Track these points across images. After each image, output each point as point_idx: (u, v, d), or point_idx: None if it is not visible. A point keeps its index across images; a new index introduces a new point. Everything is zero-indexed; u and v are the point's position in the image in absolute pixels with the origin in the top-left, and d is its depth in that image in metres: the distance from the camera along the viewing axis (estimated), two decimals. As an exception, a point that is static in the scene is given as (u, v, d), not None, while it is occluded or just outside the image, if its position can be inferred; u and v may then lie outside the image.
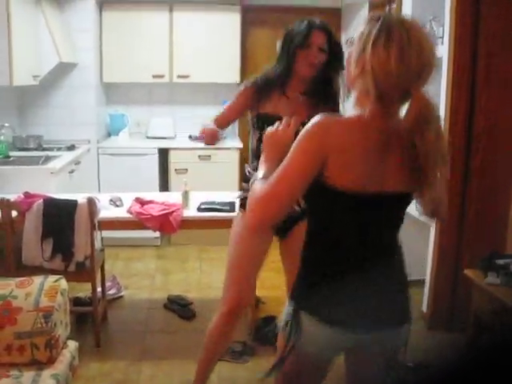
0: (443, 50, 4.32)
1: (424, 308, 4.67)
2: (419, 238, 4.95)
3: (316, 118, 1.90)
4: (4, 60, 4.85)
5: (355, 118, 1.92)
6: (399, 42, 1.82)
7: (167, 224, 4.19)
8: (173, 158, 6.60)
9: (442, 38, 4.41)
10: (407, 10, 5.04)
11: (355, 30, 1.97)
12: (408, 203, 2.09)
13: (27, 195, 4.07)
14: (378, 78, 1.84)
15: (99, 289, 4.43)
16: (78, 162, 5.92)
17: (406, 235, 4.84)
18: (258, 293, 4.56)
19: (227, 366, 4.05)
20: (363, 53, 1.87)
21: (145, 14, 6.66)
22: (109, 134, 7.07)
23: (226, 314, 3.24)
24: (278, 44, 3.34)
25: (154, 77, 6.77)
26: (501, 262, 3.58)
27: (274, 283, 5.43)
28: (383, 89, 1.85)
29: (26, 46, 5.31)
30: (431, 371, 1.64)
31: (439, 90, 4.38)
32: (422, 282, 4.71)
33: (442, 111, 4.32)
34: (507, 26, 4.14)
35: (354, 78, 1.93)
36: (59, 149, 5.97)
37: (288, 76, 3.21)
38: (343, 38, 7.17)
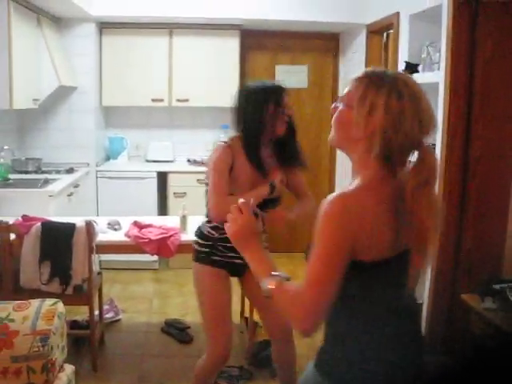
0: (439, 76, 4.35)
1: (423, 330, 4.66)
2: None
3: (330, 200, 1.76)
4: (4, 83, 4.87)
5: (366, 186, 1.81)
6: (410, 99, 1.81)
7: (165, 248, 4.20)
8: (171, 181, 6.62)
9: (439, 63, 4.45)
10: (404, 35, 5.09)
11: (348, 89, 1.87)
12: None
13: (26, 218, 4.08)
14: (388, 139, 1.77)
15: (97, 312, 4.42)
16: (76, 185, 5.94)
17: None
18: (255, 317, 4.55)
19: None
20: (370, 115, 1.77)
21: (145, 38, 6.70)
22: (108, 158, 7.09)
23: (210, 364, 3.39)
24: (237, 103, 3.34)
25: (154, 100, 6.80)
26: (497, 287, 3.58)
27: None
28: (393, 149, 1.78)
29: (26, 69, 5.34)
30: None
31: (436, 115, 4.41)
32: (419, 306, 4.71)
33: (439, 137, 4.35)
34: (503, 52, 4.17)
35: (356, 141, 1.84)
36: (58, 172, 5.98)
37: (261, 135, 3.22)
38: (341, 63, 7.23)
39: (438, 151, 4.37)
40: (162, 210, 6.70)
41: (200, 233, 3.39)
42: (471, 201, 4.31)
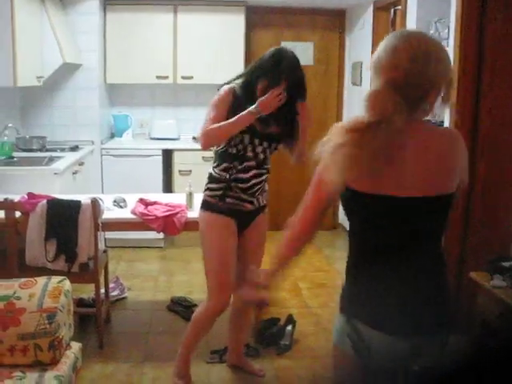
0: (448, 53, 4.31)
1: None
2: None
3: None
4: (8, 61, 4.84)
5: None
6: (414, 47, 1.90)
7: (171, 225, 4.18)
8: (177, 159, 6.60)
9: (448, 39, 4.40)
10: (412, 11, 5.03)
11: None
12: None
13: (31, 196, 4.06)
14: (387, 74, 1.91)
15: (102, 290, 4.42)
16: (81, 163, 5.91)
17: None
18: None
19: (231, 367, 4.04)
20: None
21: (149, 15, 6.65)
22: (112, 135, 7.07)
23: (210, 313, 3.58)
24: (265, 58, 3.43)
25: (158, 78, 6.76)
26: (506, 264, 3.57)
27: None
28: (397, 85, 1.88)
29: (29, 46, 5.30)
30: (437, 374, 1.63)
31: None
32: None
33: (447, 113, 4.31)
34: (513, 28, 4.13)
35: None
36: (63, 150, 5.96)
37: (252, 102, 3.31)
38: (347, 40, 7.17)
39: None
40: (168, 187, 6.68)
41: (211, 178, 3.49)
42: (479, 179, 4.28)
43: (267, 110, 3.24)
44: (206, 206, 3.51)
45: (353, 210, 2.07)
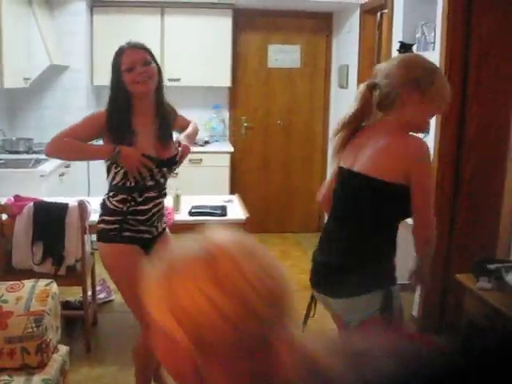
0: (435, 56, 4.33)
1: (415, 312, 4.68)
2: (408, 241, 4.97)
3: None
4: (-6, 61, 4.83)
5: None
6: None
7: (158, 228, 4.17)
8: (163, 161, 6.59)
9: (434, 43, 4.43)
10: (399, 15, 5.06)
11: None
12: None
13: (18, 198, 4.05)
14: None
15: (89, 292, 4.41)
16: (68, 165, 5.89)
17: (398, 239, 4.78)
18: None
19: None
20: None
21: (136, 18, 6.63)
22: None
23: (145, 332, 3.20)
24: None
25: (145, 80, 6.75)
26: (492, 266, 3.58)
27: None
28: None
29: (16, 48, 5.28)
30: (420, 373, 1.64)
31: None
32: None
33: (433, 118, 4.34)
34: (499, 32, 4.15)
35: None
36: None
37: (128, 103, 3.16)
38: (334, 43, 7.19)
39: (433, 132, 4.36)
40: (154, 190, 6.67)
41: (106, 209, 3.19)
42: (465, 181, 4.32)
43: (128, 165, 3.06)
44: (104, 237, 3.17)
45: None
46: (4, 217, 3.97)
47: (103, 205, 3.21)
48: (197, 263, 1.06)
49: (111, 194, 3.17)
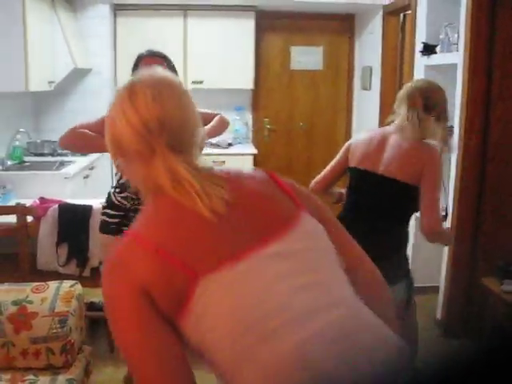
0: (458, 57, 4.31)
1: (438, 315, 4.65)
2: (434, 245, 4.94)
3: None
4: (20, 66, 4.86)
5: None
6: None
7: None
8: (187, 163, 6.60)
9: (457, 44, 4.40)
10: (422, 16, 5.03)
11: None
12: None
13: (42, 201, 4.08)
14: None
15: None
16: (92, 167, 5.94)
17: (420, 241, 4.83)
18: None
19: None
20: None
21: (159, 21, 6.67)
22: (123, 140, 7.07)
23: None
24: None
25: (168, 83, 6.78)
26: (516, 269, 3.57)
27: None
28: None
29: (41, 51, 5.33)
30: (443, 373, 1.63)
31: (454, 98, 4.37)
32: (436, 289, 4.69)
33: (457, 119, 4.31)
34: (523, 33, 4.12)
35: None
36: (73, 154, 5.97)
37: None
38: (356, 44, 7.17)
39: (457, 134, 4.33)
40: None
41: (110, 203, 3.35)
42: (490, 184, 4.28)
43: None
44: (104, 228, 3.34)
45: None
46: (29, 219, 4.00)
47: (108, 198, 3.38)
48: (123, 93, 1.53)
49: (117, 190, 3.34)
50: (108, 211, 3.34)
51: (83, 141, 3.33)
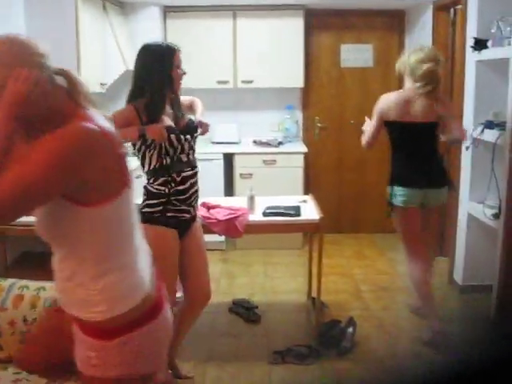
0: (510, 51, 4.25)
1: (492, 314, 4.59)
2: (485, 243, 4.88)
3: None
4: (72, 67, 4.91)
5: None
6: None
7: (233, 228, 4.23)
8: (238, 162, 6.66)
9: (510, 38, 4.34)
10: (473, 10, 4.97)
11: None
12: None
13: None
14: None
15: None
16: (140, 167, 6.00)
17: (473, 240, 4.83)
18: (322, 297, 4.58)
19: (293, 368, 4.07)
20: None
21: (209, 21, 6.74)
22: (174, 140, 7.15)
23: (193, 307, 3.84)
24: (143, 61, 3.57)
25: (219, 82, 6.84)
26: None
27: (337, 288, 5.44)
28: None
29: (93, 54, 5.43)
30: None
31: (506, 93, 4.31)
32: (489, 288, 4.64)
33: (510, 113, 4.25)
34: None
35: None
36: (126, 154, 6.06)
37: (169, 92, 3.53)
38: (407, 41, 7.11)
39: (508, 130, 4.28)
40: (229, 191, 6.74)
41: (149, 194, 3.48)
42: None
43: (155, 137, 3.33)
44: (149, 219, 3.42)
45: None
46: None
47: (146, 191, 3.51)
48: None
49: (151, 179, 3.48)
50: (149, 202, 3.46)
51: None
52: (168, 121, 3.47)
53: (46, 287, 2.99)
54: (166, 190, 3.43)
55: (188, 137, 3.56)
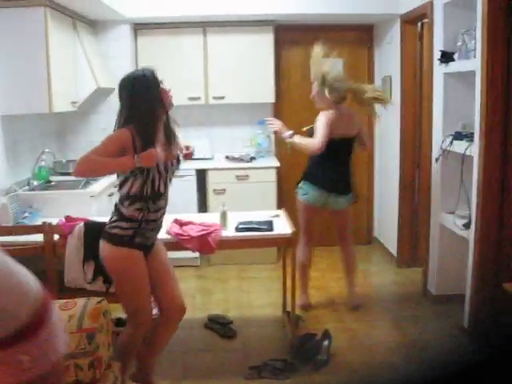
0: (476, 64, 4.32)
1: (465, 323, 4.63)
2: (457, 253, 4.93)
3: None
4: (43, 88, 4.95)
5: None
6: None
7: (206, 244, 4.22)
8: (211, 178, 6.66)
9: (475, 50, 4.41)
10: (439, 24, 5.05)
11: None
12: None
13: (69, 219, 4.15)
14: None
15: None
16: (116, 185, 5.98)
17: (446, 250, 4.88)
18: (298, 311, 4.59)
19: (268, 383, 4.07)
20: None
21: (179, 38, 6.76)
22: (147, 157, 7.14)
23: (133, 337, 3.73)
24: (129, 91, 3.68)
25: (190, 99, 6.85)
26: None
27: (312, 301, 5.45)
28: None
29: (64, 73, 5.41)
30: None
31: (473, 104, 4.37)
32: (461, 297, 4.68)
33: (478, 125, 4.31)
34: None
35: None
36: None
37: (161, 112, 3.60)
38: (376, 54, 7.19)
39: (476, 141, 4.33)
40: (202, 207, 6.74)
41: (122, 216, 3.51)
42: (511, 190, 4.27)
43: (149, 164, 3.39)
44: (116, 240, 3.48)
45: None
46: (56, 237, 4.07)
47: (118, 212, 3.55)
48: None
49: (127, 202, 3.50)
50: (120, 224, 3.49)
51: (98, 166, 3.47)
52: (159, 149, 3.50)
53: None
54: (139, 217, 3.48)
55: (173, 168, 3.69)
